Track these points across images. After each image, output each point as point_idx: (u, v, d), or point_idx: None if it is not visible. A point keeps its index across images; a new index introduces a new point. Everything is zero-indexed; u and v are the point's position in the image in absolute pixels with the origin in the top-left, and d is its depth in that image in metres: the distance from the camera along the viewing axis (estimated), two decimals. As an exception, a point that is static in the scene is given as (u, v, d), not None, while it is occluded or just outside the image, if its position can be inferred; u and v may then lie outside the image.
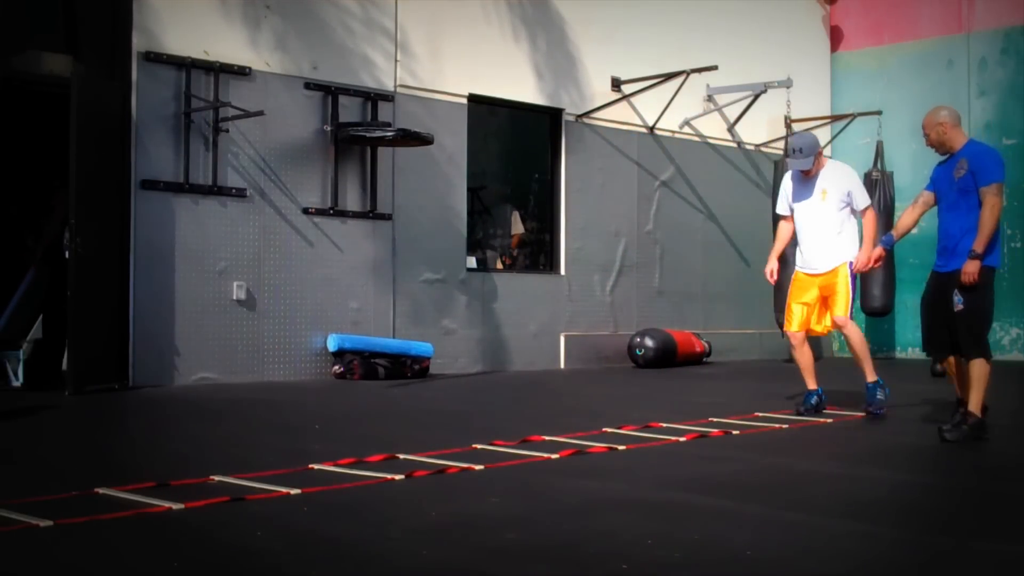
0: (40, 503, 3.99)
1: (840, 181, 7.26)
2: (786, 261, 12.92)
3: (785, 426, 6.72)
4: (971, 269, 6.02)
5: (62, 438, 6.12)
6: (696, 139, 13.62)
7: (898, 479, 4.94)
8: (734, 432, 6.37)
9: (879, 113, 14.23)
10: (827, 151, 14.97)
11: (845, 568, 3.35)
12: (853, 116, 14.24)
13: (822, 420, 7.03)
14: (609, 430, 6.31)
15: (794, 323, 7.36)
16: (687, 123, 13.28)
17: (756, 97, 13.17)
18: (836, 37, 15.36)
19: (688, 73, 12.14)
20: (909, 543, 3.66)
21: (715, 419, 6.88)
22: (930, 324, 6.38)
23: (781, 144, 13.82)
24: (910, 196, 13.88)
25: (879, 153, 13.96)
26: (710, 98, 13.48)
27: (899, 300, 13.77)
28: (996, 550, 3.58)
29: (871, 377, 7.27)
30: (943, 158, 6.37)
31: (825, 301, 7.31)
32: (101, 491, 4.26)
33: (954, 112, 6.37)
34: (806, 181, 7.34)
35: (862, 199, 7.28)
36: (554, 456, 5.34)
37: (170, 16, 9.30)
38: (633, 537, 3.66)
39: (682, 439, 6.05)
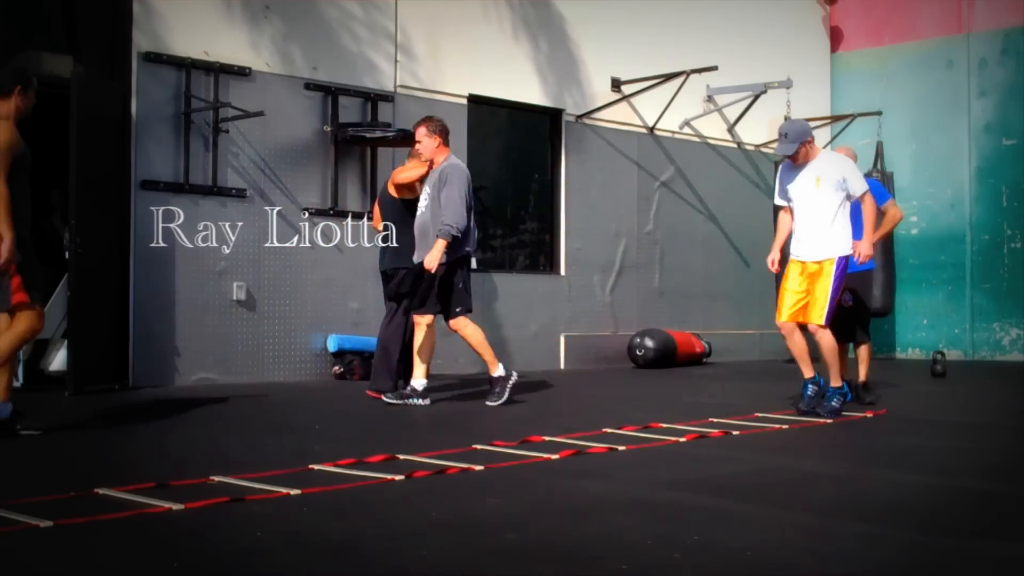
0: (40, 503, 3.98)
1: (833, 168, 7.13)
2: (786, 254, 13.04)
3: (785, 426, 6.71)
4: None
5: (62, 438, 6.12)
6: (696, 139, 13.62)
7: (898, 479, 4.94)
8: (734, 432, 6.37)
9: (879, 113, 14.24)
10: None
11: (845, 568, 3.34)
12: (853, 116, 14.24)
13: (822, 420, 7.03)
14: (609, 430, 6.31)
15: (783, 313, 7.23)
16: (687, 123, 13.28)
17: (756, 97, 13.17)
18: (836, 37, 15.35)
19: (688, 73, 12.14)
20: (909, 543, 3.66)
21: (715, 419, 6.88)
22: None
23: (781, 144, 13.84)
24: (911, 196, 14.18)
25: (879, 153, 13.96)
26: (710, 98, 13.48)
27: (899, 300, 13.78)
28: (996, 550, 3.58)
29: (835, 383, 7.26)
30: None
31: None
32: (101, 491, 4.26)
33: None
34: (797, 168, 7.21)
35: (858, 185, 7.11)
36: (554, 456, 5.34)
37: (170, 16, 9.30)
38: (633, 537, 3.66)
39: (682, 439, 6.05)
